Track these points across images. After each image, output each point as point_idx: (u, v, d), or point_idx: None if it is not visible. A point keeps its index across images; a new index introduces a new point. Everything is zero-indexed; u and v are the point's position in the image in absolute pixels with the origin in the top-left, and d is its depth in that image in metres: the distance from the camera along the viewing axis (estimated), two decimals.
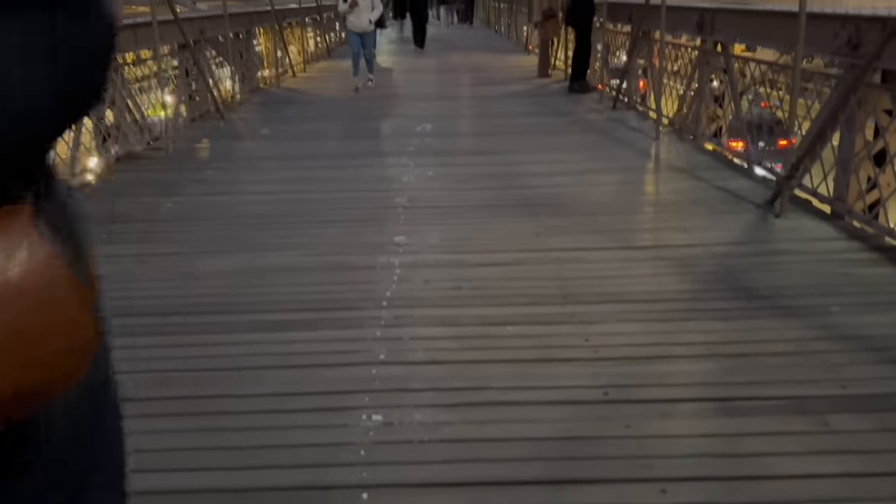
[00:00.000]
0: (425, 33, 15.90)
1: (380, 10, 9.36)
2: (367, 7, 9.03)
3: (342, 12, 9.41)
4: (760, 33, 4.90)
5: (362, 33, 9.23)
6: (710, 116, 5.90)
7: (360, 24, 9.12)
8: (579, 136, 6.59)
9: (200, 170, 5.52)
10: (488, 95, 9.36)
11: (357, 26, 9.17)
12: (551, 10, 9.94)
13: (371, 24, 9.23)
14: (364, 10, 9.02)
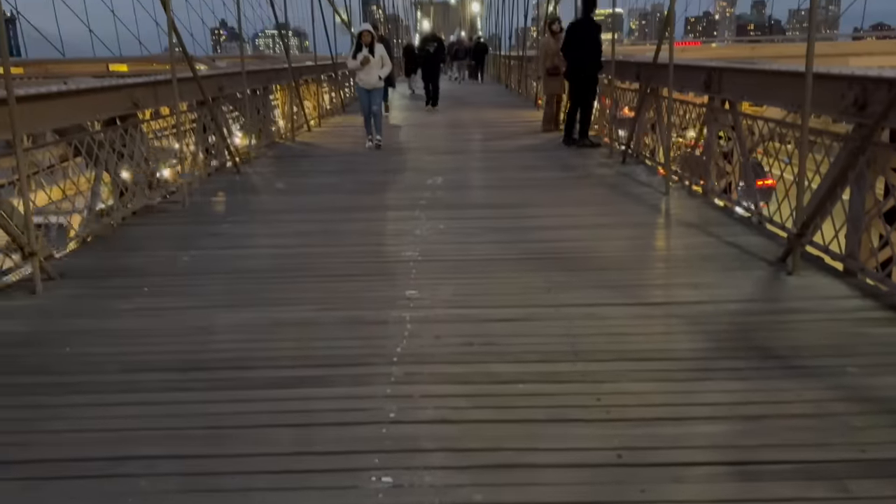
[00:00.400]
0: (438, 91, 15.54)
1: (389, 67, 9.41)
2: (377, 64, 9.11)
3: (353, 69, 9.46)
4: (768, 92, 4.98)
5: (371, 90, 9.30)
6: (720, 172, 5.95)
7: (369, 80, 9.19)
8: (589, 189, 6.66)
9: (216, 223, 5.60)
10: (499, 149, 9.50)
11: (367, 83, 9.24)
12: (556, 67, 10.17)
13: (380, 81, 9.31)
14: (374, 66, 9.10)
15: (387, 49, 9.81)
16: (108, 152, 5.42)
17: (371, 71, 9.08)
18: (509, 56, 25.46)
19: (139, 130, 5.95)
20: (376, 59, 9.06)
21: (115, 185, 5.61)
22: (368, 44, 9.03)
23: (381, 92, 9.54)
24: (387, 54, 9.31)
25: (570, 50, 8.81)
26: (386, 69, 9.27)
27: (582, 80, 8.90)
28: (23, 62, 15.06)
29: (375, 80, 9.18)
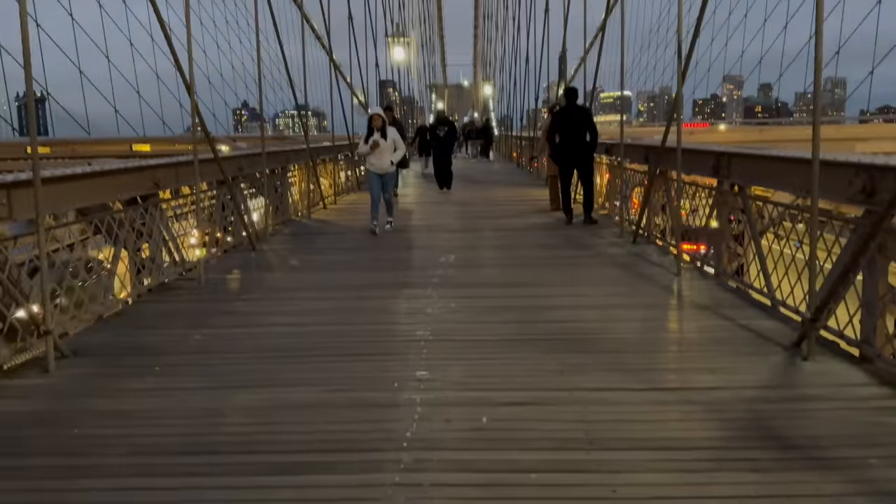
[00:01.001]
0: (451, 174, 14.91)
1: (402, 150, 9.14)
2: (388, 147, 8.81)
3: (363, 154, 9.10)
4: (776, 177, 5.06)
5: (383, 174, 8.98)
6: (731, 254, 5.97)
7: (381, 165, 8.88)
8: (601, 269, 6.68)
9: (231, 301, 5.65)
10: (510, 227, 9.61)
11: (378, 167, 8.91)
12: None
13: (392, 166, 9.04)
14: (385, 150, 8.80)
15: (399, 132, 9.64)
16: (128, 231, 5.54)
17: (382, 155, 8.79)
18: (520, 136, 26.11)
19: (159, 209, 6.09)
20: (388, 143, 8.79)
21: (132, 263, 5.70)
22: (380, 127, 8.79)
23: (393, 176, 9.29)
24: (399, 137, 9.07)
25: (558, 135, 9.37)
26: (398, 153, 8.98)
27: (572, 163, 9.39)
28: (50, 141, 15.61)
29: (387, 164, 8.88)
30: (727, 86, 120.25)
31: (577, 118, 9.33)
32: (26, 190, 4.04)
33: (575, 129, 9.22)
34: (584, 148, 9.21)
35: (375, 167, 8.93)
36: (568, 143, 9.26)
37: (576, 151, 9.24)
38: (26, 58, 3.85)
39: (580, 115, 9.44)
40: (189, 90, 6.03)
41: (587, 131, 9.19)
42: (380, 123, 8.82)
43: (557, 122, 9.51)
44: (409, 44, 35.13)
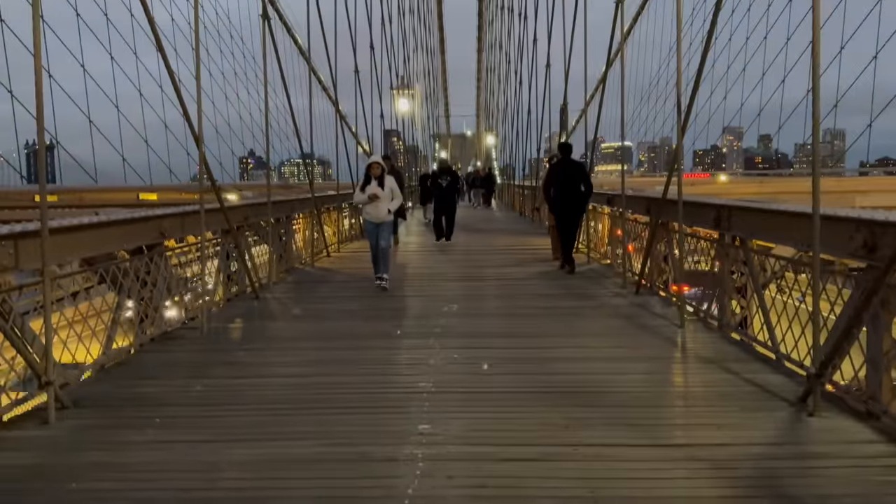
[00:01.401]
0: (453, 226, 14.16)
1: (400, 200, 8.80)
2: (386, 197, 8.49)
3: (360, 203, 8.75)
4: (777, 231, 5.09)
5: (380, 223, 8.60)
6: (732, 306, 5.96)
7: (377, 214, 8.53)
8: (604, 320, 6.66)
9: (232, 351, 5.63)
10: (513, 277, 9.62)
11: (374, 216, 8.57)
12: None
13: (389, 215, 8.63)
14: (383, 199, 8.48)
15: (398, 182, 9.49)
16: (133, 280, 5.57)
17: (379, 204, 8.46)
18: (522, 185, 26.37)
19: (164, 259, 6.13)
20: (385, 192, 8.46)
21: (136, 312, 5.71)
22: (378, 176, 8.48)
23: (389, 226, 8.82)
24: (397, 186, 8.74)
25: (553, 187, 9.84)
26: (396, 202, 8.64)
27: (568, 214, 9.77)
28: (58, 189, 15.83)
29: (384, 213, 8.50)
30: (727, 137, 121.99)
31: (571, 171, 9.82)
32: (33, 240, 4.08)
33: (570, 181, 9.73)
34: (578, 199, 9.74)
35: (371, 216, 8.61)
36: (564, 195, 9.74)
37: (571, 203, 9.72)
38: (39, 110, 3.94)
39: (574, 168, 9.94)
40: (197, 141, 6.13)
41: (581, 183, 9.71)
42: (378, 172, 8.52)
43: (553, 175, 9.99)
44: (413, 95, 35.81)
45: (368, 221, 8.72)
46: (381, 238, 8.59)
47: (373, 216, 8.57)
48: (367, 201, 8.46)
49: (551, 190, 9.86)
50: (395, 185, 8.67)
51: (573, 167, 9.94)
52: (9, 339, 3.95)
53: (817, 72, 3.92)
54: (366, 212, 8.67)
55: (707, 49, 6.13)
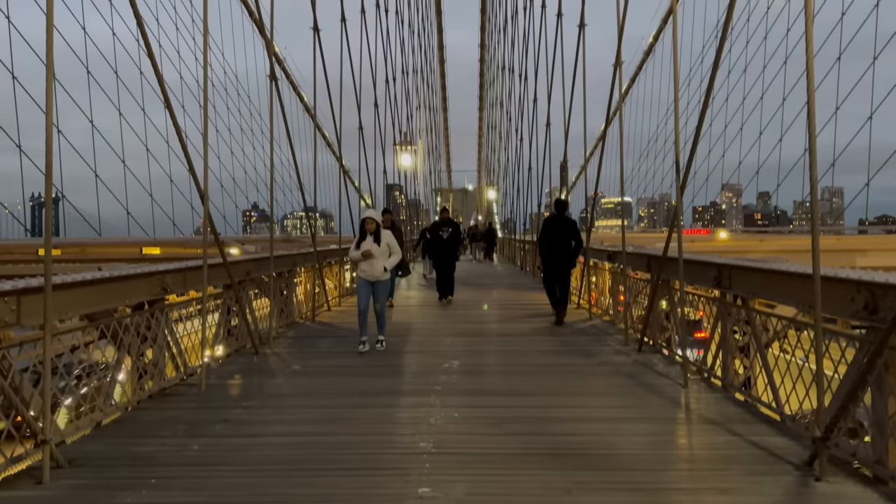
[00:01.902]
0: (453, 282, 13.23)
1: (398, 255, 8.27)
2: (382, 253, 8.02)
3: (354, 260, 8.21)
4: (778, 291, 5.09)
5: (375, 282, 8.12)
6: (734, 364, 5.92)
7: (372, 271, 8.05)
8: (606, 379, 6.60)
9: (230, 408, 5.57)
10: (514, 333, 9.58)
11: (369, 274, 8.07)
12: None
13: (386, 273, 8.15)
14: (379, 256, 8.03)
15: (397, 237, 9.25)
16: (133, 336, 5.55)
17: (375, 262, 8.00)
18: (523, 240, 26.51)
19: (165, 314, 6.12)
20: (382, 249, 8.02)
21: (134, 369, 5.68)
22: (373, 232, 8.04)
23: (386, 285, 8.32)
24: (395, 242, 8.25)
25: (546, 243, 10.29)
26: (393, 258, 8.15)
27: (559, 268, 10.27)
28: (61, 243, 15.95)
29: (380, 271, 8.03)
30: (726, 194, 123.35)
31: (563, 227, 10.33)
32: (36, 297, 4.09)
33: (561, 236, 10.24)
34: (568, 254, 10.26)
35: (366, 274, 8.07)
36: (554, 249, 10.23)
37: (561, 257, 10.23)
38: (48, 168, 4.01)
39: (566, 225, 10.42)
40: (203, 198, 6.21)
41: (572, 239, 10.26)
42: (373, 227, 8.04)
43: (546, 230, 10.43)
44: (416, 151, 36.40)
45: (362, 279, 8.14)
46: (376, 298, 8.13)
47: (368, 274, 8.07)
48: (360, 259, 7.99)
49: (545, 245, 10.28)
50: (393, 240, 8.21)
51: (565, 223, 10.43)
52: (6, 396, 3.91)
53: (813, 135, 4.00)
54: (361, 269, 8.13)
55: (704, 110, 6.27)
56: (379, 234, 8.07)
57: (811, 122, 3.88)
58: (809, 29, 4.04)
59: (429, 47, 44.04)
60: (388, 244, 8.10)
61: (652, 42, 28.96)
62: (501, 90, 38.17)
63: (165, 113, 6.12)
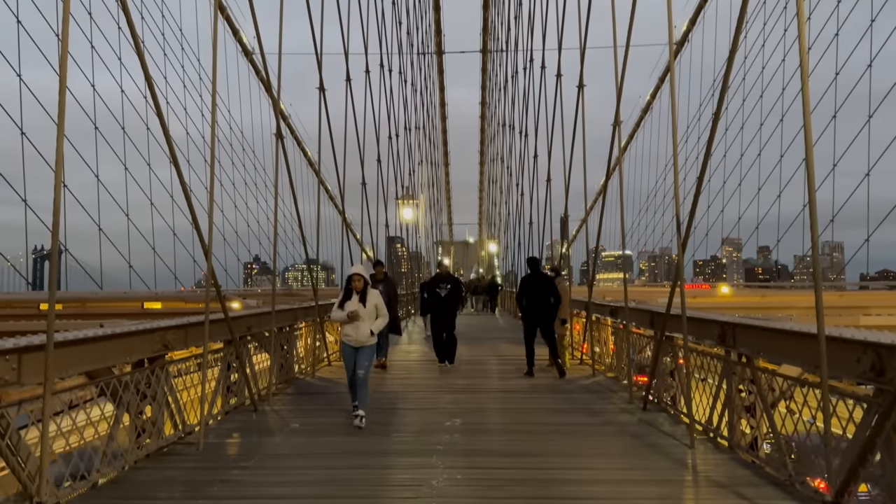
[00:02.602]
0: (455, 344, 11.82)
1: (386, 318, 7.39)
2: (369, 315, 7.18)
3: (337, 321, 7.41)
4: (783, 350, 5.06)
5: (359, 347, 7.17)
6: (743, 427, 5.83)
7: (357, 336, 7.15)
8: (610, 439, 6.49)
9: (227, 469, 5.46)
10: (517, 389, 9.48)
11: (353, 339, 7.17)
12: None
13: (372, 337, 7.25)
14: (366, 318, 7.16)
15: (391, 291, 8.87)
16: (132, 394, 5.50)
17: (360, 325, 7.13)
18: None
19: (165, 371, 6.07)
20: (368, 310, 7.15)
21: (133, 427, 5.60)
22: (360, 291, 7.19)
23: (371, 350, 7.34)
24: (382, 302, 7.36)
25: (524, 298, 10.72)
26: (381, 321, 7.26)
27: (539, 324, 10.66)
28: (63, 297, 15.96)
29: (365, 335, 7.14)
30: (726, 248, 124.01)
31: (540, 284, 10.77)
32: (37, 354, 4.07)
33: (540, 293, 10.65)
34: (546, 309, 10.59)
35: (351, 338, 7.19)
36: (532, 305, 10.63)
37: (539, 312, 10.59)
38: (55, 227, 4.05)
39: (543, 280, 10.88)
40: (206, 253, 6.24)
41: (551, 296, 10.61)
42: (360, 286, 7.21)
43: (524, 287, 10.85)
44: (417, 205, 36.72)
45: (346, 344, 7.24)
46: (358, 365, 7.13)
47: (352, 338, 7.17)
48: (345, 320, 7.15)
49: (523, 300, 10.71)
50: (381, 301, 7.34)
51: (543, 280, 10.88)
52: (3, 456, 3.85)
53: (813, 193, 4.04)
54: (344, 333, 7.24)
55: (704, 167, 6.35)
56: (366, 292, 7.23)
57: (810, 181, 3.93)
58: (805, 92, 4.14)
59: (431, 104, 44.94)
60: (376, 305, 7.26)
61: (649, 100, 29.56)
62: (502, 146, 38.77)
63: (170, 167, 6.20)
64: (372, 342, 7.31)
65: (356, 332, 7.16)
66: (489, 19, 41.63)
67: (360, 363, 7.16)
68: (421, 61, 36.35)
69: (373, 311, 7.23)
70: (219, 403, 7.38)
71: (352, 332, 7.19)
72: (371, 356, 7.38)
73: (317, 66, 11.31)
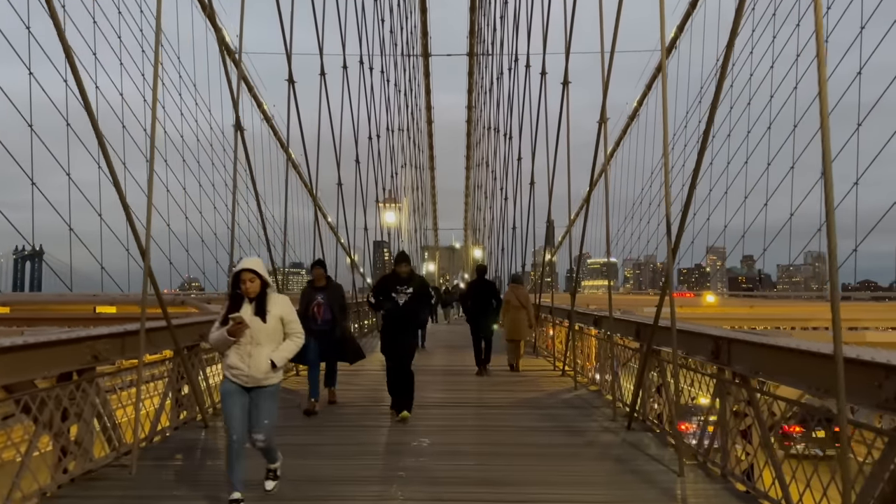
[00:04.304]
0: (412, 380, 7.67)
1: (300, 338, 4.67)
2: (270, 334, 4.51)
3: (216, 346, 4.67)
4: (787, 371, 4.50)
5: (252, 388, 4.53)
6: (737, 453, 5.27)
7: (250, 369, 4.48)
8: (592, 464, 5.90)
9: (161, 498, 4.82)
10: (494, 404, 8.91)
11: (245, 374, 4.48)
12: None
13: (275, 372, 4.58)
14: (263, 338, 4.48)
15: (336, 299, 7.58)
16: (52, 411, 4.84)
17: (254, 350, 4.47)
18: None
19: (94, 386, 5.41)
20: (269, 326, 4.49)
21: (55, 448, 4.94)
22: (254, 296, 4.52)
23: (273, 396, 4.65)
24: (294, 316, 4.67)
25: (470, 301, 12.01)
26: (289, 346, 4.60)
27: (482, 323, 11.77)
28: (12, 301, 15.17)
29: (263, 368, 4.47)
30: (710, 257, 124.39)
31: (484, 289, 12.04)
32: None
33: (483, 297, 11.86)
34: (489, 312, 11.79)
35: (239, 373, 4.48)
36: (477, 307, 11.78)
37: (482, 316, 11.76)
38: None
39: (486, 286, 12.16)
40: (143, 254, 5.61)
41: (493, 299, 11.89)
42: (255, 289, 4.49)
43: (470, 291, 12.24)
44: (400, 208, 36.13)
45: (231, 385, 4.51)
46: (255, 423, 4.55)
47: (242, 374, 4.45)
48: (226, 342, 4.45)
49: (468, 301, 12.05)
50: (292, 313, 4.65)
51: (486, 285, 12.16)
52: None
53: (831, 206, 3.49)
54: (227, 364, 4.52)
55: (696, 176, 5.83)
56: (264, 299, 4.49)
57: (829, 198, 3.37)
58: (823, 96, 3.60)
59: (416, 107, 44.40)
60: (283, 318, 4.55)
61: (636, 107, 29.16)
62: (487, 149, 38.32)
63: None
64: (275, 381, 4.56)
65: (243, 360, 4.41)
66: (475, 22, 41.21)
67: (258, 421, 4.51)
68: (406, 63, 35.82)
69: (276, 329, 4.50)
70: (164, 420, 6.70)
71: (240, 364, 4.40)
72: (274, 406, 4.60)
73: (286, 58, 10.68)
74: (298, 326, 4.71)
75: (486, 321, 11.76)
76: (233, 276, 4.60)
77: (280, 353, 4.57)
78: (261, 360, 4.49)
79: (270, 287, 4.60)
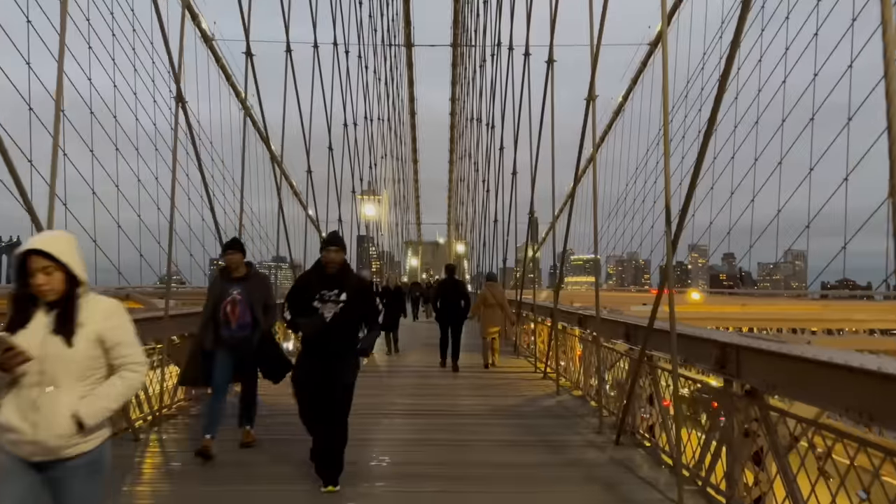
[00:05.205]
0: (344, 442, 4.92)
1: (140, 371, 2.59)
2: (75, 369, 2.46)
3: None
4: (811, 388, 3.67)
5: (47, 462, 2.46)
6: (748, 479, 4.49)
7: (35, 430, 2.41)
8: (575, 490, 5.08)
9: None
10: (469, 412, 8.09)
11: (24, 442, 2.42)
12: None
13: (83, 436, 2.45)
14: (64, 377, 2.44)
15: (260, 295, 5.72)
16: None
17: (41, 398, 2.43)
18: None
19: None
20: (70, 355, 2.46)
21: None
22: (54, 299, 2.49)
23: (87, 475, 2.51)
24: (131, 337, 2.60)
25: (438, 299, 12.19)
26: (109, 393, 2.51)
27: (451, 322, 11.86)
28: None
29: (56, 430, 2.42)
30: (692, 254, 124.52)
31: (454, 288, 12.18)
32: None
33: (453, 296, 12.01)
34: (458, 312, 11.89)
35: (15, 438, 2.43)
36: (446, 307, 11.95)
37: (452, 314, 11.87)
38: None
39: (456, 286, 12.34)
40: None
41: (462, 299, 12.00)
42: (55, 287, 2.48)
43: (440, 290, 12.36)
44: (380, 201, 35.14)
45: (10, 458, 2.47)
46: None
47: (21, 440, 2.43)
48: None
49: (438, 301, 12.16)
50: (121, 329, 2.57)
51: (455, 285, 12.34)
52: None
53: None
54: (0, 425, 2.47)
55: (694, 182, 5.05)
56: (72, 304, 2.51)
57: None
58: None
59: (398, 98, 43.39)
60: (104, 338, 2.52)
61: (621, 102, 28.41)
62: (470, 141, 37.46)
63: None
64: (85, 447, 2.48)
65: (32, 417, 2.43)
66: (459, 11, 40.33)
67: None
68: (387, 51, 34.81)
69: (90, 358, 2.51)
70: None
71: (19, 422, 2.43)
72: (94, 492, 2.55)
73: (243, 31, 9.72)
74: (135, 351, 2.61)
75: (455, 322, 11.84)
76: (17, 261, 2.50)
77: (94, 403, 2.47)
78: (56, 413, 2.43)
79: (84, 286, 2.54)
